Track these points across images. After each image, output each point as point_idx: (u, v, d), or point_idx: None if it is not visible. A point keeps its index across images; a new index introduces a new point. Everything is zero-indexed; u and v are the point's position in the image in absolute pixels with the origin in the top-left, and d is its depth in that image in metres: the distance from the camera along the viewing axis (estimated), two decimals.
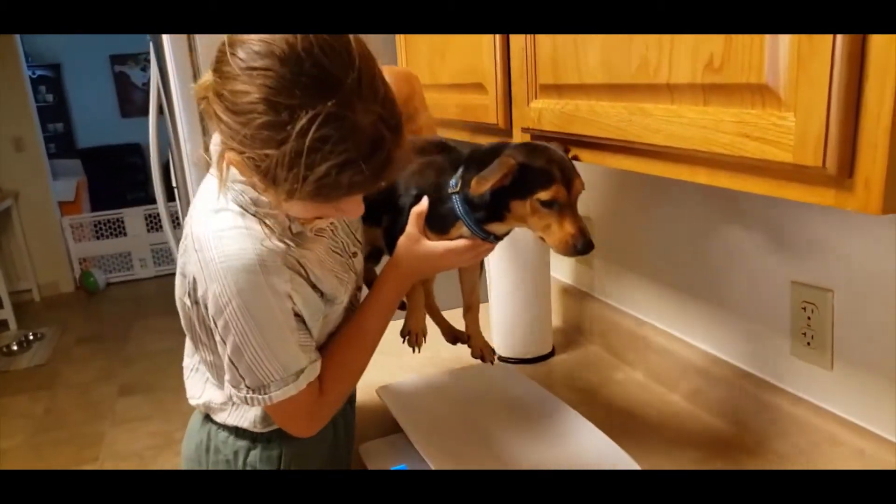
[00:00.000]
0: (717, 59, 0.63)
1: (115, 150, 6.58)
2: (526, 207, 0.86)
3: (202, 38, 1.52)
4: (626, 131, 0.78)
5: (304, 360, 0.86)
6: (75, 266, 5.27)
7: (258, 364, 0.82)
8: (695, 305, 1.21)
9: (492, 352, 1.11)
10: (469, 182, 0.86)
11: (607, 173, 1.36)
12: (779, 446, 1.02)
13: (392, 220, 0.98)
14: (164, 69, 1.74)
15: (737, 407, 1.10)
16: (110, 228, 5.35)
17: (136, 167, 6.61)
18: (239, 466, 0.96)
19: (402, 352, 1.08)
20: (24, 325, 4.50)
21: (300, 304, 0.85)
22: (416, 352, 1.04)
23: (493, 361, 1.11)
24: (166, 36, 1.55)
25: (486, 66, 1.08)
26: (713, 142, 0.65)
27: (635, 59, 0.74)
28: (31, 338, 4.29)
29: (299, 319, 0.86)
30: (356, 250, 0.98)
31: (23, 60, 4.93)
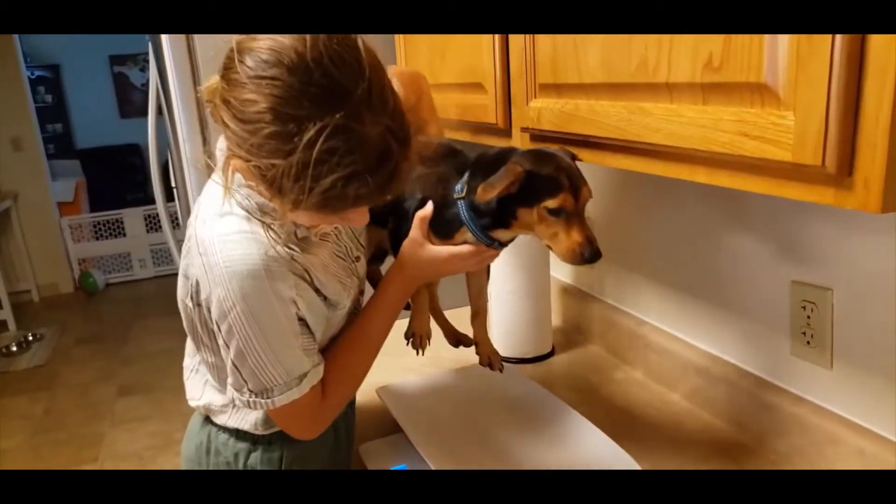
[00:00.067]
0: (717, 58, 0.63)
1: (114, 150, 6.56)
2: (533, 215, 0.85)
3: (201, 39, 1.51)
4: (625, 130, 0.78)
5: (307, 363, 0.86)
6: (74, 267, 5.27)
7: (261, 368, 0.82)
8: (695, 305, 1.21)
9: (500, 359, 1.09)
10: (475, 188, 0.85)
11: (607, 173, 1.36)
12: (779, 446, 1.02)
13: (398, 223, 0.98)
14: (163, 70, 1.73)
15: (737, 406, 1.10)
16: (109, 229, 5.34)
17: (136, 168, 6.59)
18: (239, 468, 0.96)
19: (402, 352, 1.08)
20: (23, 326, 4.49)
21: (304, 309, 0.85)
22: (419, 354, 1.04)
23: (502, 369, 1.09)
24: (165, 36, 1.55)
25: (485, 66, 1.08)
26: (712, 141, 0.65)
27: (635, 58, 0.74)
28: (31, 338, 4.28)
29: (303, 324, 0.86)
30: (359, 254, 0.98)
31: (22, 61, 4.93)
